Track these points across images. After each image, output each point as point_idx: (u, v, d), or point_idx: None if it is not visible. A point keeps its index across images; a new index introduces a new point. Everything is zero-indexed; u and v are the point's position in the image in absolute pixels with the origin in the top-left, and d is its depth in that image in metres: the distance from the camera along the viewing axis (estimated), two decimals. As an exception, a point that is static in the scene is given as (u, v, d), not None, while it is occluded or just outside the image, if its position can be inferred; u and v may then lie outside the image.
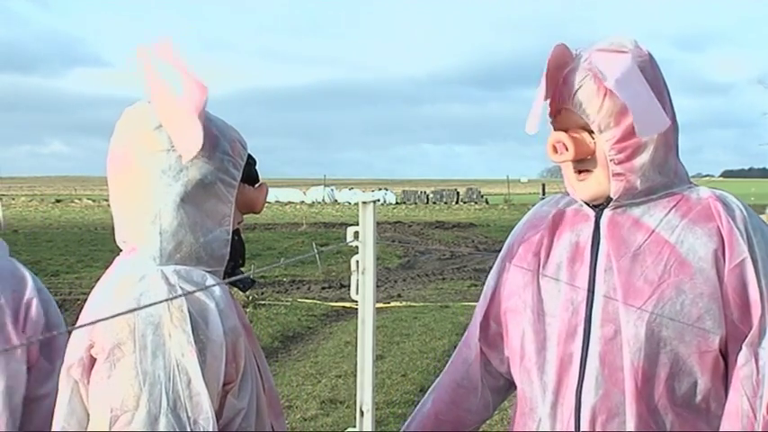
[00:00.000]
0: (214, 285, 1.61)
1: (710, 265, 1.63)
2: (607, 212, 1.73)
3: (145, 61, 1.61)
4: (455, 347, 2.06)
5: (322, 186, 55.82)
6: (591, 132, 1.69)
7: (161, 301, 1.51)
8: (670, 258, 1.65)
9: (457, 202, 52.02)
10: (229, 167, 1.65)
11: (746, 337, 1.62)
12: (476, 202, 52.15)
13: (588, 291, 1.70)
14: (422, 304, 11.36)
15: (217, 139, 1.64)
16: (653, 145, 1.68)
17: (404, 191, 58.65)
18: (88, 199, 56.43)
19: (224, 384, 1.53)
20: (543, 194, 16.82)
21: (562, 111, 1.72)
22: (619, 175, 1.69)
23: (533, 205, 1.96)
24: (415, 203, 51.96)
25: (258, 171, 1.77)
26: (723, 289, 1.63)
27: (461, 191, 55.71)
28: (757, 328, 1.62)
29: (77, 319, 1.65)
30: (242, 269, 1.78)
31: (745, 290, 1.62)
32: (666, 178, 1.72)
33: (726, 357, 1.66)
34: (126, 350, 1.48)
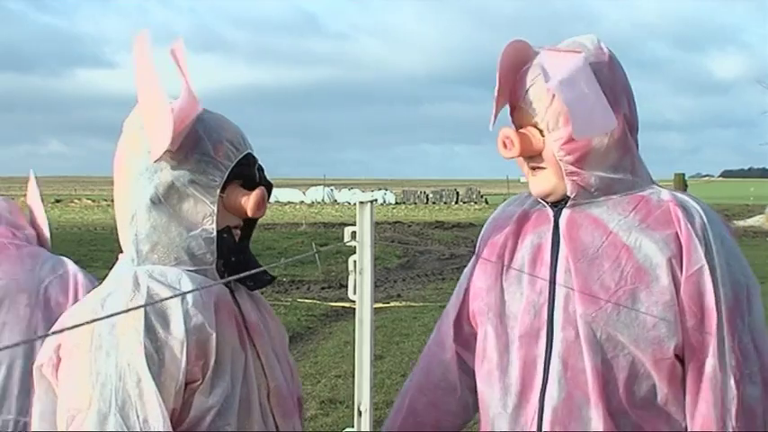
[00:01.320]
0: (217, 283, 1.62)
1: (666, 273, 1.61)
2: (566, 211, 1.73)
3: (141, 52, 1.60)
4: (454, 347, 2.04)
5: (321, 186, 55.81)
6: (541, 131, 1.69)
7: (153, 303, 1.52)
8: (627, 264, 1.64)
9: (456, 202, 52.01)
10: (208, 169, 1.63)
11: (705, 345, 1.61)
12: (475, 202, 52.14)
13: (549, 293, 1.70)
14: (421, 304, 11.36)
15: (198, 141, 1.63)
16: (604, 146, 1.67)
17: (403, 191, 58.65)
18: (87, 199, 56.43)
19: (189, 382, 1.53)
20: (543, 194, 16.77)
21: (517, 107, 1.72)
22: (572, 174, 1.68)
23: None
24: (415, 203, 51.94)
25: (265, 176, 1.74)
26: (679, 297, 1.61)
27: (461, 191, 55.69)
28: (716, 337, 1.60)
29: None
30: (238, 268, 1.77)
31: (702, 298, 1.61)
32: (624, 177, 1.70)
33: (683, 364, 1.64)
34: (83, 350, 1.51)
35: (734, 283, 1.63)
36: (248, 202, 1.67)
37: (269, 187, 1.75)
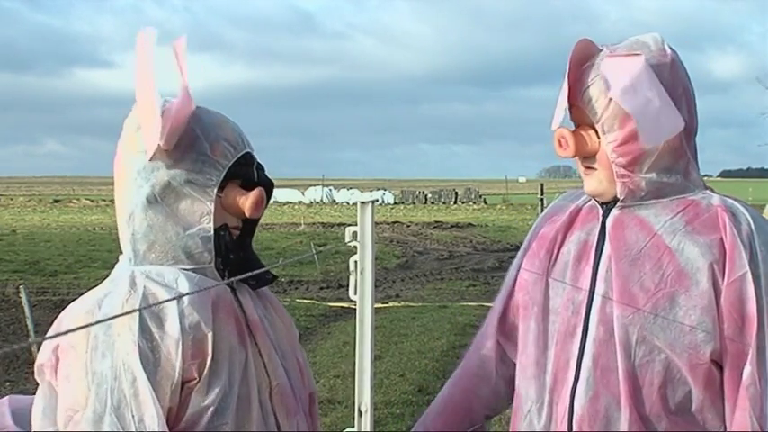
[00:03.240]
0: (217, 285, 1.62)
1: (707, 278, 1.61)
2: (614, 212, 1.73)
3: (143, 51, 1.60)
4: (454, 347, 2.07)
5: (320, 186, 55.81)
6: (597, 132, 1.69)
7: (152, 305, 1.52)
8: (668, 267, 1.64)
9: (455, 202, 52.05)
10: (205, 168, 1.62)
11: (744, 353, 1.60)
12: (474, 203, 52.18)
13: (589, 291, 1.70)
14: (420, 304, 11.36)
15: (195, 140, 1.62)
16: (658, 150, 1.66)
17: (402, 191, 58.70)
18: (86, 199, 56.40)
19: (186, 382, 1.53)
20: (542, 194, 16.88)
21: (574, 107, 1.72)
22: (623, 176, 1.68)
23: (531, 206, 1.97)
24: (414, 203, 51.97)
25: (265, 174, 1.73)
26: (720, 303, 1.60)
27: (460, 191, 55.75)
28: (755, 346, 1.59)
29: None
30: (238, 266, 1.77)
31: (744, 305, 1.59)
32: (676, 182, 1.70)
33: (722, 370, 1.63)
34: (80, 351, 1.51)
35: None
36: (246, 202, 1.67)
37: (270, 186, 1.74)
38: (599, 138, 1.68)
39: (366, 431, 1.72)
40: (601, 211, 1.76)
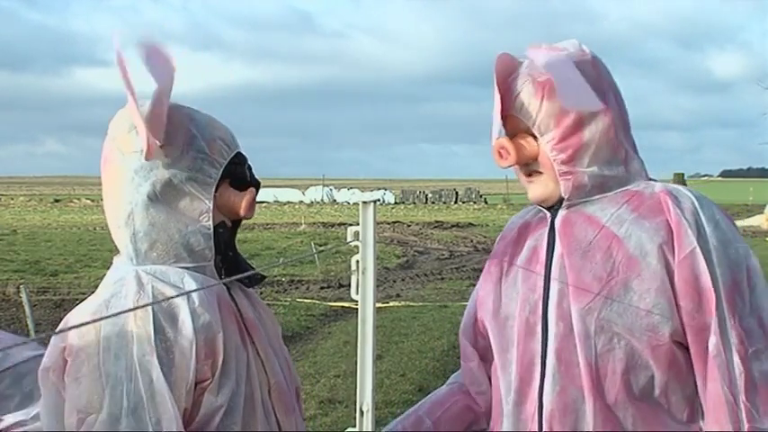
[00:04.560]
0: (219, 285, 1.62)
1: (657, 260, 1.64)
2: (561, 212, 1.76)
3: (123, 54, 1.58)
4: (454, 347, 2.09)
5: (321, 186, 55.84)
6: (534, 137, 1.72)
7: (152, 303, 1.52)
8: (618, 254, 1.67)
9: (456, 202, 52.06)
10: (204, 166, 1.64)
11: (706, 326, 1.63)
12: (474, 202, 52.19)
13: (543, 289, 1.73)
14: (420, 304, 11.37)
15: (192, 138, 1.63)
16: (595, 143, 1.70)
17: (402, 190, 58.70)
18: (87, 199, 56.43)
19: (199, 382, 1.53)
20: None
21: (508, 117, 1.75)
22: (565, 174, 1.71)
23: (532, 205, 1.99)
24: (414, 203, 51.98)
25: (253, 174, 1.75)
26: (673, 282, 1.63)
27: (460, 191, 55.74)
28: (716, 317, 1.62)
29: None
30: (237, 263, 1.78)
31: (697, 280, 1.62)
32: (617, 174, 1.73)
33: (688, 348, 1.66)
34: (91, 352, 1.50)
35: (731, 264, 1.64)
36: (240, 202, 1.69)
37: (257, 186, 1.76)
38: (537, 142, 1.72)
39: (367, 431, 1.72)
40: (549, 216, 1.78)
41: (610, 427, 1.65)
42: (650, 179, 1.79)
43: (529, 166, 1.75)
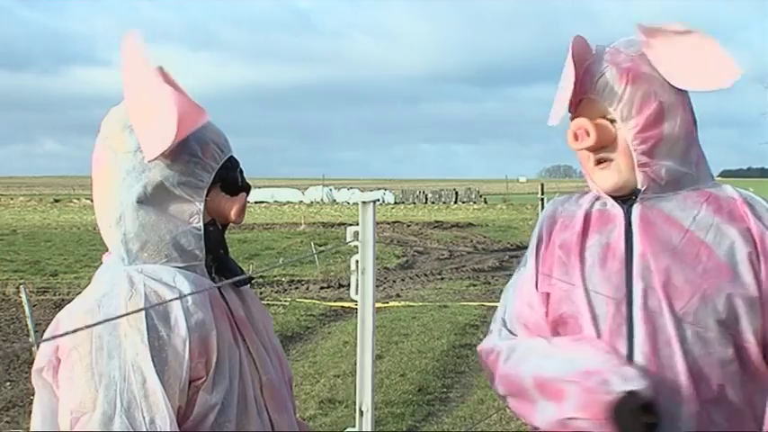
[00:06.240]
0: (214, 288, 1.62)
1: (748, 268, 1.66)
2: (636, 208, 1.72)
3: (132, 52, 1.59)
4: (454, 347, 2.05)
5: (320, 186, 55.84)
6: (612, 122, 1.71)
7: (148, 308, 1.52)
8: (709, 260, 1.66)
9: (455, 202, 52.05)
10: (196, 170, 1.63)
11: None
12: (474, 202, 52.19)
13: (627, 290, 1.69)
14: (420, 304, 11.36)
15: (185, 142, 1.62)
16: (674, 135, 1.70)
17: (402, 190, 58.69)
18: (87, 199, 56.38)
19: (193, 380, 1.53)
20: (542, 194, 16.89)
21: (583, 100, 1.74)
22: (644, 165, 1.69)
23: (532, 205, 1.96)
24: (414, 203, 51.98)
25: (245, 178, 1.73)
26: (762, 289, 1.65)
27: (460, 190, 55.74)
28: None
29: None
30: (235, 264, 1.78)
31: None
32: (690, 171, 1.73)
33: (766, 356, 1.69)
34: (83, 352, 1.50)
35: None
36: (232, 207, 1.69)
37: (248, 189, 1.75)
38: (614, 127, 1.70)
39: (367, 431, 1.73)
40: (620, 211, 1.74)
41: (703, 428, 1.64)
42: (713, 178, 1.79)
43: (602, 152, 1.72)
